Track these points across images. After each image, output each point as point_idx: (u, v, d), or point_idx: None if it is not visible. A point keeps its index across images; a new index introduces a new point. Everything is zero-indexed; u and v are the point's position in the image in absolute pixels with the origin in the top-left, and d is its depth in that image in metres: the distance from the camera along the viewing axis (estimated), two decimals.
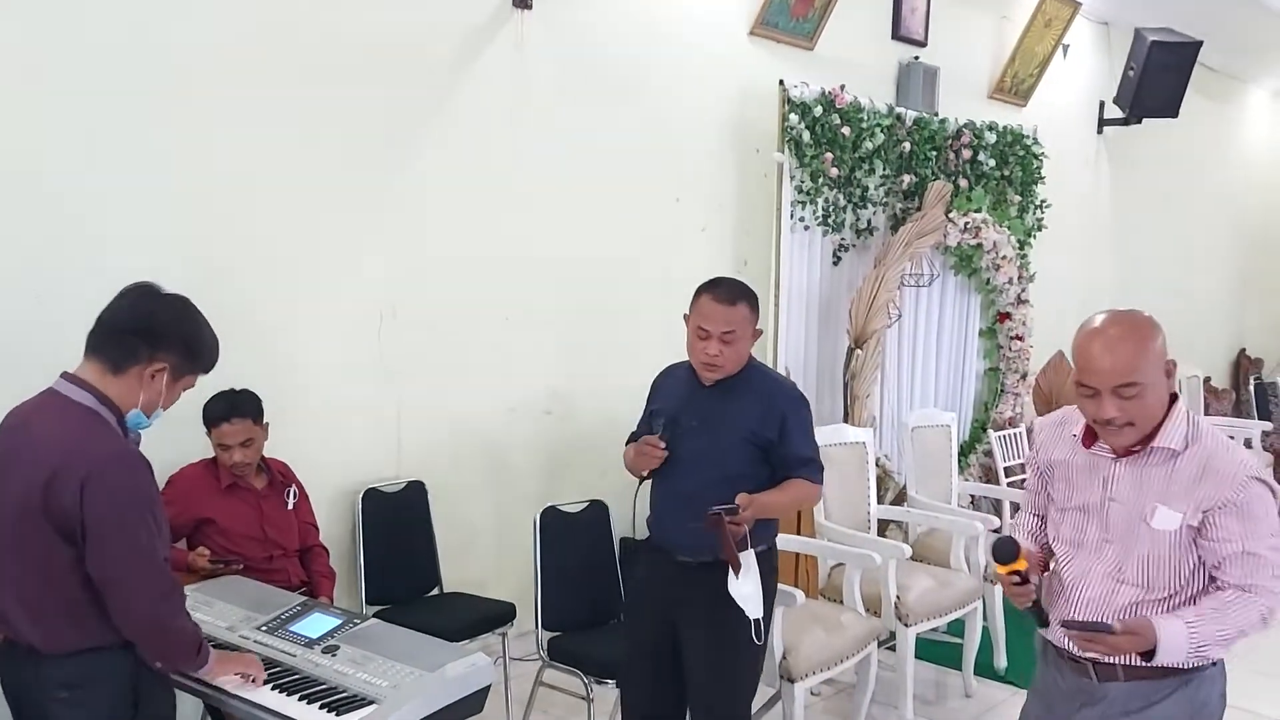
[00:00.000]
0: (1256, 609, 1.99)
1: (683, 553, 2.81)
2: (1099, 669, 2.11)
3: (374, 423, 3.95)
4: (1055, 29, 6.94)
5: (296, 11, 3.59)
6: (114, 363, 2.09)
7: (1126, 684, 2.09)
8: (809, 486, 2.82)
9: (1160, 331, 2.04)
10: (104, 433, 2.07)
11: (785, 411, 2.79)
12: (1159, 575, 2.06)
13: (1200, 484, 2.01)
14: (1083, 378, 2.02)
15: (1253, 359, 10.13)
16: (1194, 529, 2.02)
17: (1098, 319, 2.05)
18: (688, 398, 2.84)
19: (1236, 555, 2.00)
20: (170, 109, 3.32)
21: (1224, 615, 1.98)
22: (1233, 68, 9.31)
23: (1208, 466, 2.01)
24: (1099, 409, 2.01)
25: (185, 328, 2.16)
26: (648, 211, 4.82)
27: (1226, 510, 1.99)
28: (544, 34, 4.32)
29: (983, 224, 5.65)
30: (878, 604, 3.84)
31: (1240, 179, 9.96)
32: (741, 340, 2.77)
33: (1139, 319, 2.05)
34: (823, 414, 5.27)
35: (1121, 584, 2.09)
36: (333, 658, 2.37)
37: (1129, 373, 1.97)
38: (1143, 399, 1.99)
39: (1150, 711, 2.07)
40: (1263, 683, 4.43)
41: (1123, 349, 1.98)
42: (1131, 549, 2.08)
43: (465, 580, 4.09)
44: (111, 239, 3.20)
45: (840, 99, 5.07)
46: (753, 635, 2.69)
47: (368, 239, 3.87)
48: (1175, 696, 2.07)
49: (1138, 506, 2.07)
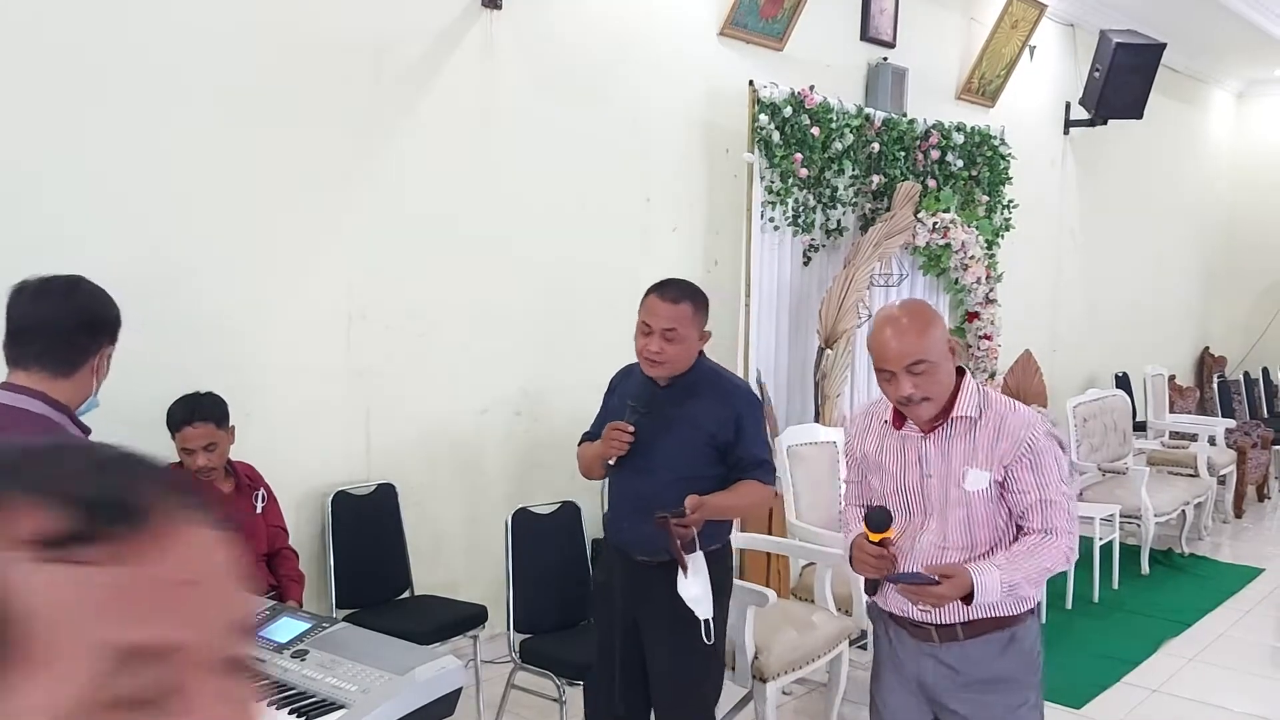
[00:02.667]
0: (1060, 549, 2.25)
1: (640, 552, 2.83)
2: (940, 631, 2.32)
3: (343, 424, 3.93)
4: (1022, 30, 7.00)
5: (264, 13, 3.56)
6: (67, 366, 2.01)
7: (965, 643, 2.31)
8: (761, 488, 2.84)
9: (939, 317, 2.34)
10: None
11: (741, 412, 2.81)
12: (979, 533, 2.30)
13: (998, 443, 2.27)
14: (880, 363, 2.27)
15: (1216, 357, 10.27)
16: (1000, 484, 2.28)
17: (884, 312, 2.34)
18: (644, 399, 2.85)
19: (1035, 504, 2.26)
20: (134, 110, 3.28)
21: (1031, 557, 2.23)
22: (1196, 69, 9.44)
23: (1001, 427, 2.27)
24: (898, 388, 2.24)
25: (113, 310, 2.09)
26: (618, 212, 4.81)
27: (1021, 463, 2.26)
28: (513, 34, 4.31)
29: (951, 224, 5.69)
30: (849, 603, 3.86)
31: (1204, 179, 10.10)
32: (685, 339, 2.78)
33: (920, 307, 2.35)
34: (793, 414, 5.29)
35: (946, 550, 2.31)
36: (301, 662, 2.34)
37: (916, 352, 2.22)
38: (932, 375, 2.23)
39: (995, 665, 2.31)
40: (1231, 678, 4.51)
41: (908, 334, 2.24)
42: (950, 515, 2.30)
43: (436, 583, 4.07)
44: (71, 239, 3.16)
45: (810, 99, 5.09)
46: (702, 636, 2.70)
47: (336, 240, 3.84)
48: (1009, 651, 2.31)
49: (950, 474, 2.30)
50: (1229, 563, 6.30)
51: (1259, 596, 5.61)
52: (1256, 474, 7.62)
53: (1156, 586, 5.70)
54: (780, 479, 4.34)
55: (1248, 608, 5.42)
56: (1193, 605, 5.35)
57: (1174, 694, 4.30)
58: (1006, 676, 2.32)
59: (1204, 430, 7.26)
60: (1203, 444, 6.99)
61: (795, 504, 4.22)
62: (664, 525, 2.58)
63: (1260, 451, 7.64)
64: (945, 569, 2.21)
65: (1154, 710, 4.12)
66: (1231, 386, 9.58)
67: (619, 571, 2.89)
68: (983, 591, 2.17)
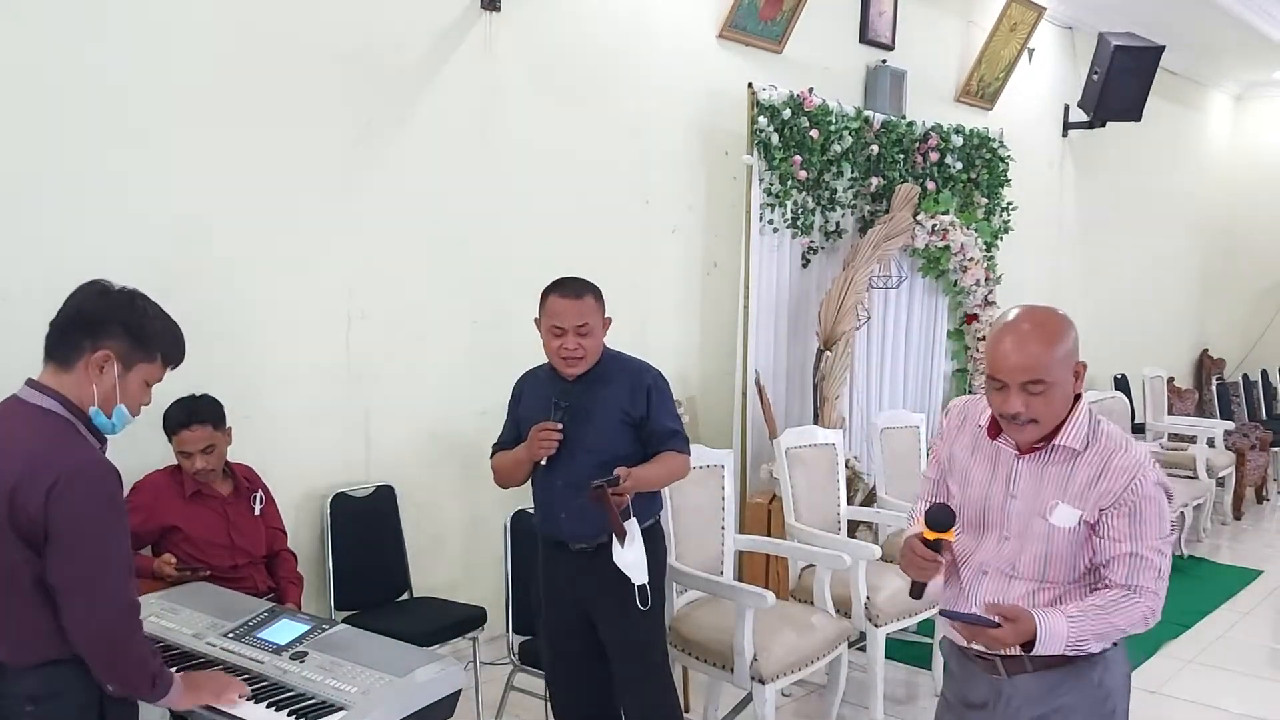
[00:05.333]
0: (1140, 609, 2.03)
1: (578, 541, 2.94)
2: (1006, 662, 2.13)
3: (343, 426, 3.92)
4: (1020, 33, 7.01)
5: (264, 15, 3.56)
6: (63, 359, 2.06)
7: (1034, 674, 2.11)
8: (679, 458, 2.99)
9: (1073, 331, 2.07)
10: (72, 440, 2.03)
11: (650, 388, 2.96)
12: (1055, 570, 2.10)
13: (1098, 483, 2.05)
14: (992, 370, 2.05)
15: (1215, 359, 10.28)
16: (1090, 525, 2.07)
17: (1012, 313, 2.09)
18: (556, 395, 2.95)
19: (1123, 556, 2.04)
20: (133, 111, 3.28)
21: (1107, 613, 2.02)
22: (1194, 72, 9.45)
23: (1105, 466, 2.05)
24: (1005, 403, 2.04)
25: (123, 313, 2.10)
26: (617, 214, 4.81)
27: (1119, 510, 2.04)
28: (512, 36, 4.31)
29: (950, 226, 5.69)
30: (848, 605, 3.86)
31: (1203, 181, 10.11)
32: (595, 331, 2.93)
33: (1053, 317, 2.07)
34: (792, 416, 5.29)
35: (1014, 579, 2.13)
36: (301, 664, 2.34)
37: (1037, 369, 2.00)
38: (1048, 397, 2.02)
39: (1056, 699, 2.11)
40: (1230, 680, 4.51)
41: (1033, 346, 2.01)
42: (1028, 545, 2.11)
43: (435, 584, 4.07)
44: (71, 240, 3.16)
45: (809, 101, 5.09)
46: (638, 602, 2.85)
47: (336, 241, 3.84)
48: (1081, 683, 2.11)
49: (1037, 503, 2.10)
50: (1228, 564, 6.30)
51: (1258, 598, 5.61)
52: (1255, 476, 7.62)
53: None
54: (779, 481, 4.35)
55: (1247, 609, 5.42)
56: (1192, 607, 5.35)
57: (1173, 695, 4.30)
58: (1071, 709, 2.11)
59: (1203, 432, 7.26)
60: (1201, 446, 6.99)
61: (794, 506, 4.22)
62: (600, 494, 2.69)
63: (1259, 453, 7.65)
64: (1009, 611, 2.00)
65: (1153, 712, 4.12)
66: (1230, 388, 9.59)
67: (561, 567, 3.01)
68: (1045, 642, 1.98)
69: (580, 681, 3.09)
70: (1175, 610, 5.19)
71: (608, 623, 2.98)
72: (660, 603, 3.02)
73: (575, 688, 3.11)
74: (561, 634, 3.08)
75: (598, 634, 3.01)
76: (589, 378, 2.95)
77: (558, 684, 3.16)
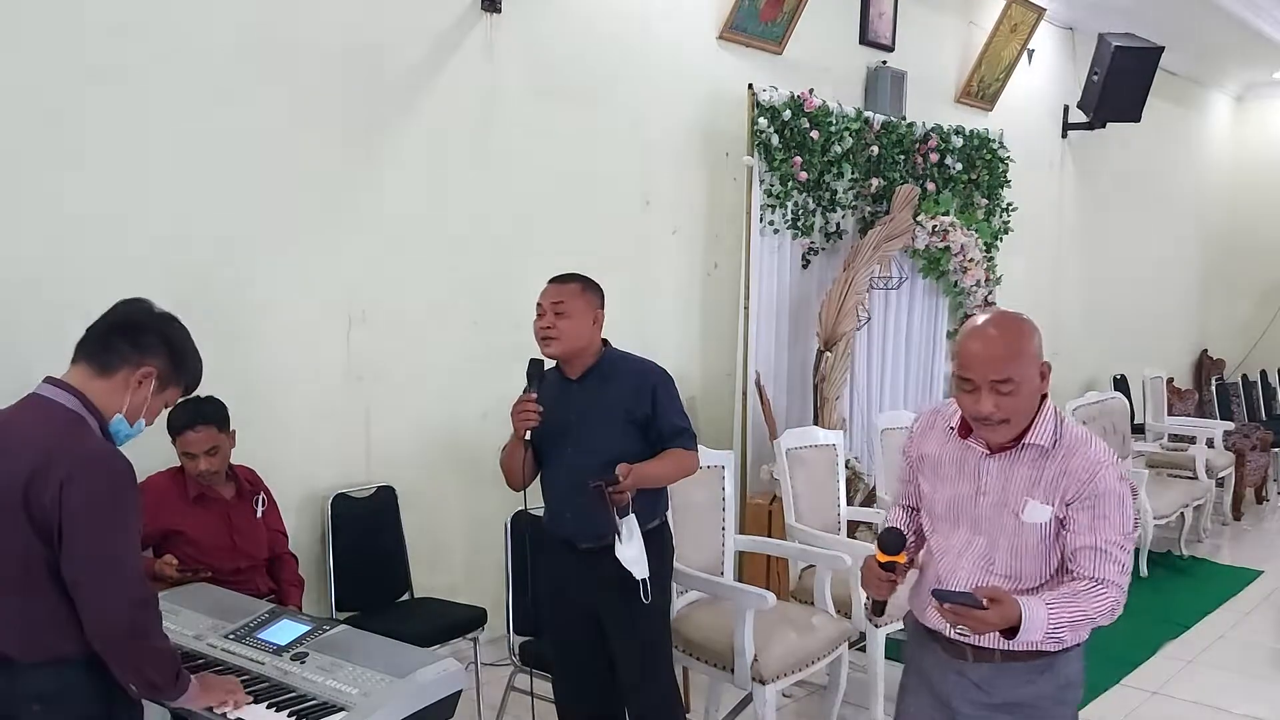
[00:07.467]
0: (1107, 601, 2.09)
1: (584, 540, 2.93)
2: (975, 650, 2.20)
3: (343, 427, 3.93)
4: (1020, 34, 7.01)
5: (264, 16, 3.56)
6: (101, 365, 2.09)
7: (1001, 664, 2.19)
8: (686, 455, 2.97)
9: (1037, 334, 2.16)
10: (86, 434, 2.05)
11: (655, 385, 2.95)
12: (1027, 567, 2.17)
13: (1063, 479, 2.12)
14: (963, 371, 2.13)
15: (1215, 359, 10.27)
16: (1059, 521, 2.14)
17: (980, 318, 2.18)
18: (560, 395, 2.96)
19: (1087, 549, 2.11)
20: (133, 111, 3.29)
21: (1078, 602, 2.08)
22: (1194, 72, 9.45)
23: (1070, 462, 2.12)
24: (977, 404, 2.11)
25: (170, 332, 2.18)
26: (618, 215, 4.82)
27: (1082, 504, 2.11)
28: (513, 38, 4.32)
29: (950, 227, 5.69)
30: (848, 605, 3.86)
31: (1203, 182, 10.11)
32: (576, 315, 2.91)
33: (1017, 320, 2.17)
34: (793, 416, 5.30)
35: (990, 575, 2.19)
36: (302, 665, 2.35)
37: (1006, 368, 2.07)
38: (1018, 396, 2.09)
39: (1022, 691, 2.19)
40: (1230, 680, 4.51)
41: (1000, 347, 2.10)
42: (999, 541, 2.19)
43: (436, 585, 4.07)
44: (70, 241, 3.16)
45: (809, 103, 5.10)
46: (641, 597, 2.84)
47: (336, 243, 3.84)
48: (1045, 676, 2.18)
49: (1006, 500, 2.17)
50: (1228, 565, 6.29)
51: (1258, 598, 5.61)
52: (1255, 476, 7.62)
53: (1155, 589, 5.69)
54: (779, 481, 4.35)
55: (1247, 610, 5.42)
56: (1192, 607, 5.35)
57: (1173, 696, 4.30)
58: (1031, 703, 2.19)
59: (1202, 433, 7.26)
60: (1201, 446, 6.99)
61: (795, 507, 4.23)
62: (599, 492, 2.70)
63: (1259, 454, 7.64)
64: (994, 593, 2.04)
65: (1153, 712, 4.12)
66: (1230, 389, 9.59)
67: (569, 567, 3.00)
68: (1028, 627, 2.03)
69: (585, 681, 3.09)
70: (1175, 610, 5.28)
71: (614, 622, 2.99)
72: (666, 606, 3.02)
73: (580, 687, 3.11)
74: (567, 633, 3.08)
75: (604, 633, 3.01)
76: (592, 376, 2.96)
77: (562, 682, 3.15)
